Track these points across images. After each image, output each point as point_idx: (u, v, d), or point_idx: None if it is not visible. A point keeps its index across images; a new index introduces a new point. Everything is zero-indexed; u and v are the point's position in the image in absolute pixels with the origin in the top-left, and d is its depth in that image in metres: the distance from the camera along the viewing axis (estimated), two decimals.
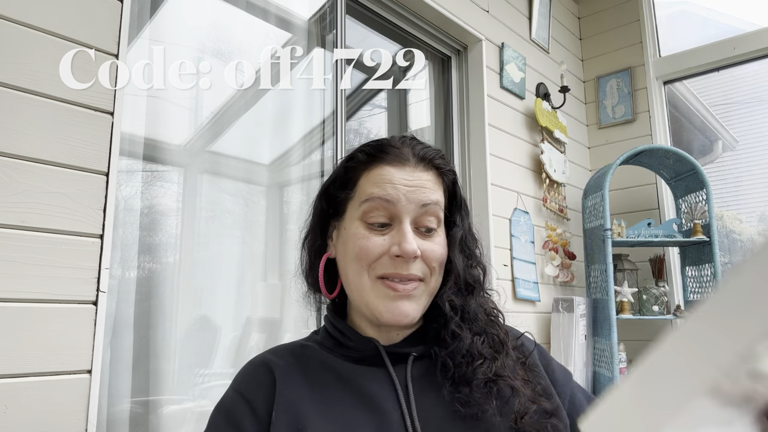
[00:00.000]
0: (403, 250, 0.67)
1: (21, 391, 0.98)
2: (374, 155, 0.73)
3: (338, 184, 0.75)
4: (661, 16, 2.98)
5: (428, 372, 0.72)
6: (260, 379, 0.70)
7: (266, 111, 1.71)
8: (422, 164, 0.72)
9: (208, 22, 1.63)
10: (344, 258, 0.73)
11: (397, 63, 2.34)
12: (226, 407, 0.70)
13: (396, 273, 0.68)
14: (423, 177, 0.71)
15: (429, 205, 0.70)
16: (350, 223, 0.72)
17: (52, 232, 1.05)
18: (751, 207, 2.70)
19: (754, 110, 2.73)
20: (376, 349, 0.72)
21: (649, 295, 2.41)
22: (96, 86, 1.15)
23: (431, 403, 0.68)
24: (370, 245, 0.69)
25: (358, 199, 0.71)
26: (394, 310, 0.68)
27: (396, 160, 0.71)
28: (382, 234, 0.70)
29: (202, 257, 1.52)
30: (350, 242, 0.71)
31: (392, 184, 0.69)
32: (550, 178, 2.57)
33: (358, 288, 0.71)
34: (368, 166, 0.72)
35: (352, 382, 0.69)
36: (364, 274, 0.69)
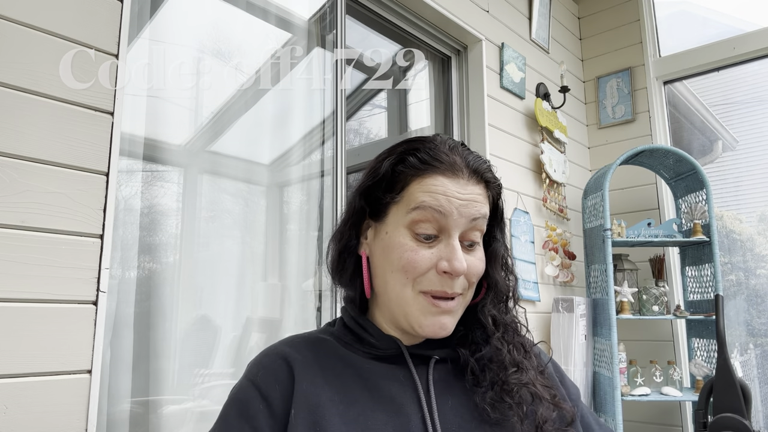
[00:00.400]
0: (453, 267, 0.66)
1: (21, 391, 0.98)
2: (427, 162, 0.69)
3: (384, 186, 0.71)
4: (661, 16, 2.98)
5: (449, 375, 0.71)
6: (278, 373, 0.68)
7: (266, 111, 1.71)
8: (475, 177, 0.70)
9: (208, 22, 1.63)
10: (384, 264, 0.70)
11: (397, 63, 2.34)
12: (240, 399, 0.68)
13: (442, 291, 0.67)
14: (475, 191, 0.70)
15: (478, 219, 0.69)
16: (394, 229, 0.70)
17: (52, 232, 1.05)
18: (751, 207, 2.70)
19: (754, 110, 2.73)
20: (399, 349, 0.71)
21: (649, 295, 2.41)
22: (96, 86, 1.15)
23: (452, 407, 0.68)
24: (418, 259, 0.67)
25: (407, 205, 0.69)
26: (435, 325, 0.68)
27: (449, 171, 0.69)
28: (429, 246, 0.68)
29: (202, 257, 1.52)
30: (395, 252, 0.68)
31: (446, 197, 0.67)
32: (550, 178, 2.57)
33: (398, 298, 0.69)
34: (420, 173, 0.69)
35: (371, 382, 0.68)
36: (408, 286, 0.68)
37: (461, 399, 0.69)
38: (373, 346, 0.72)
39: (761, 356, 2.58)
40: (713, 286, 2.32)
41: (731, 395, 0.81)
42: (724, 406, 0.81)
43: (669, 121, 2.87)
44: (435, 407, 0.67)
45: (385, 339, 0.72)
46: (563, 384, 0.78)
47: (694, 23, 3.05)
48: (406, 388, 0.68)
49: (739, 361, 2.59)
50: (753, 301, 2.61)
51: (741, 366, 2.57)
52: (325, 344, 0.73)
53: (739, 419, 0.78)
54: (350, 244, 0.75)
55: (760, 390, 2.57)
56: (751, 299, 2.62)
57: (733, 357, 2.57)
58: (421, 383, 0.69)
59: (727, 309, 2.63)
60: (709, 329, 2.38)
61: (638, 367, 2.38)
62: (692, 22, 3.06)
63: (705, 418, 0.92)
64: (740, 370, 2.52)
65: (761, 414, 2.51)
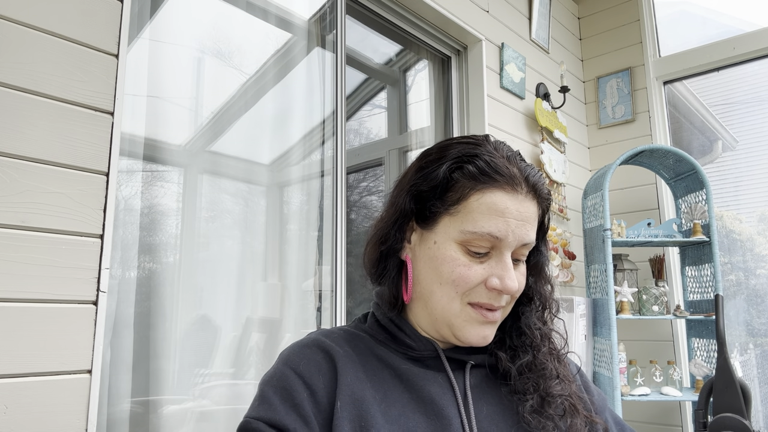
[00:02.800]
0: (505, 286, 0.66)
1: (21, 391, 0.98)
2: (488, 174, 0.66)
3: (438, 192, 0.68)
4: (661, 16, 2.98)
5: (483, 382, 0.71)
6: (321, 364, 0.67)
7: (266, 111, 1.71)
8: (532, 193, 0.68)
9: (208, 22, 1.63)
10: (430, 274, 0.69)
11: (397, 63, 2.34)
12: (283, 386, 0.64)
13: (489, 304, 0.67)
14: (530, 208, 0.68)
15: (528, 245, 0.69)
16: (444, 241, 0.67)
17: (53, 232, 1.05)
18: (751, 207, 2.70)
19: (754, 110, 2.73)
20: (435, 351, 0.70)
21: (648, 295, 2.41)
22: (96, 86, 1.15)
23: (486, 414, 0.68)
24: (471, 274, 0.66)
25: (461, 223, 0.66)
26: (478, 335, 0.68)
27: (509, 185, 0.66)
28: (481, 262, 0.67)
29: (202, 257, 1.52)
30: (446, 265, 0.67)
31: (504, 218, 0.65)
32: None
33: (444, 310, 0.68)
34: (479, 185, 0.66)
35: (411, 383, 0.68)
36: (457, 300, 0.67)
37: (496, 407, 0.69)
38: (409, 347, 0.71)
39: (761, 356, 2.58)
40: (713, 286, 2.32)
41: (731, 395, 0.81)
42: (724, 406, 0.81)
43: (669, 121, 2.87)
44: (473, 413, 0.67)
45: (422, 341, 0.71)
46: (589, 393, 0.78)
47: (694, 23, 3.05)
48: (445, 391, 0.67)
49: (739, 361, 2.59)
50: (753, 301, 2.61)
51: (741, 366, 2.57)
52: (361, 341, 0.72)
53: (739, 419, 0.78)
54: (395, 246, 0.72)
55: (760, 390, 2.57)
56: (751, 299, 2.62)
57: (733, 357, 2.57)
58: (458, 388, 0.68)
59: (727, 309, 2.63)
60: (709, 329, 2.38)
61: (638, 367, 2.38)
62: (692, 22, 3.06)
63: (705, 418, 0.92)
64: (740, 370, 2.52)
65: (761, 414, 2.51)
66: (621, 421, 0.80)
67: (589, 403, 0.75)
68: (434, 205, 0.68)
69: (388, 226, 0.72)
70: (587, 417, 0.69)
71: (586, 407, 0.72)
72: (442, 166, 0.68)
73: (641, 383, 2.33)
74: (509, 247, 0.66)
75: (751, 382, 2.58)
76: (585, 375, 0.81)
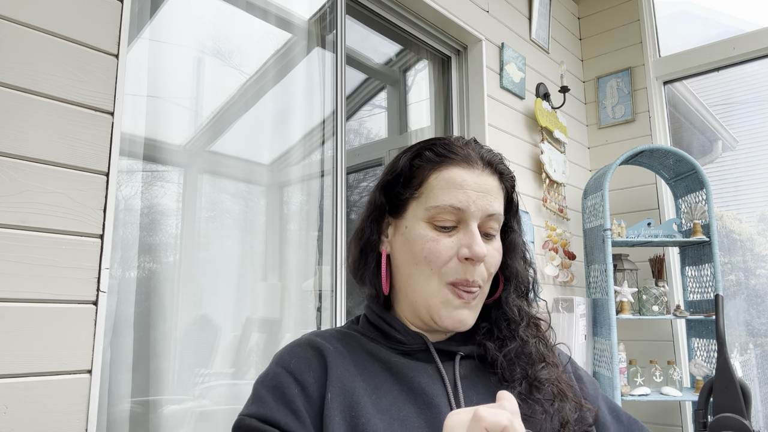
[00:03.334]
0: (473, 252, 0.68)
1: (21, 391, 0.98)
2: (443, 155, 0.72)
3: (402, 182, 0.74)
4: (661, 16, 2.98)
5: (473, 372, 0.72)
6: (311, 360, 0.69)
7: (266, 111, 1.71)
8: (489, 169, 0.73)
9: (208, 22, 1.63)
10: (406, 257, 0.72)
11: (397, 63, 2.34)
12: (275, 384, 0.67)
13: (465, 279, 0.69)
14: (489, 182, 0.72)
15: (494, 215, 0.71)
16: (414, 223, 0.71)
17: (52, 232, 1.05)
18: (751, 207, 2.70)
19: (754, 110, 2.73)
20: (425, 344, 0.72)
21: (648, 295, 2.41)
22: (96, 86, 1.15)
23: (478, 402, 0.68)
24: (440, 248, 0.69)
25: (425, 202, 0.71)
26: (455, 317, 0.69)
27: (465, 162, 0.71)
28: (449, 235, 0.70)
29: (202, 257, 1.52)
30: (417, 243, 0.70)
31: (462, 190, 0.69)
32: (550, 178, 2.57)
33: (422, 291, 0.70)
34: (436, 166, 0.72)
35: (401, 375, 0.69)
36: (434, 278, 0.69)
37: (486, 396, 0.70)
38: (399, 342, 0.73)
39: (761, 356, 2.58)
40: (713, 286, 2.32)
41: (731, 395, 0.81)
42: (724, 406, 0.81)
43: (669, 121, 2.87)
44: (462, 402, 0.68)
45: (411, 335, 0.73)
46: (580, 382, 0.79)
47: (694, 23, 3.05)
48: (435, 381, 0.69)
49: (739, 361, 2.59)
50: (753, 301, 2.61)
51: (741, 366, 2.57)
52: (353, 338, 0.74)
53: (739, 419, 0.78)
54: (372, 239, 0.76)
55: (760, 390, 2.57)
56: (751, 299, 2.62)
57: (733, 357, 2.57)
58: (448, 378, 0.70)
59: (727, 309, 2.63)
60: (709, 329, 2.38)
61: (638, 367, 2.38)
62: (692, 22, 3.06)
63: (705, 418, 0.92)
64: (740, 370, 2.52)
65: (761, 414, 2.51)
66: (616, 407, 0.80)
67: (579, 391, 0.76)
68: (401, 194, 0.73)
69: (365, 223, 0.77)
70: (576, 402, 0.70)
71: (576, 394, 0.73)
72: (405, 157, 0.75)
73: (641, 383, 2.33)
74: (473, 217, 0.69)
75: (751, 382, 2.58)
76: (576, 365, 0.82)
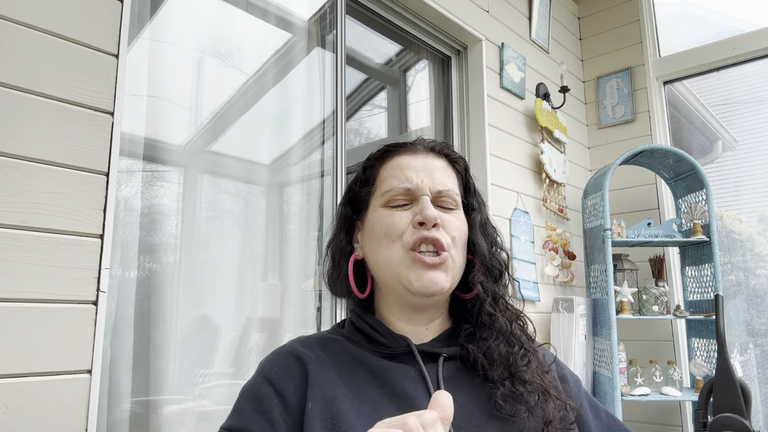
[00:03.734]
0: (424, 215, 0.71)
1: (21, 391, 0.98)
2: (388, 150, 0.79)
3: (359, 184, 0.80)
4: (661, 16, 2.98)
5: (457, 373, 0.72)
6: (291, 369, 0.69)
7: (266, 111, 1.71)
8: (433, 153, 0.79)
9: (208, 22, 1.63)
10: (372, 243, 0.75)
11: (397, 63, 2.34)
12: (255, 393, 0.69)
13: (422, 236, 0.71)
14: (435, 162, 0.77)
15: (443, 191, 0.75)
16: (374, 212, 0.76)
17: (52, 232, 1.05)
18: (751, 207, 2.70)
19: (754, 110, 2.73)
20: (408, 347, 0.72)
21: (648, 295, 2.41)
22: (96, 86, 1.15)
23: (461, 404, 0.68)
24: (395, 220, 0.73)
25: (380, 191, 0.76)
26: (424, 279, 0.70)
27: (408, 151, 0.78)
28: (405, 210, 0.74)
29: (202, 257, 1.52)
30: (377, 225, 0.74)
31: (409, 170, 0.75)
32: (550, 178, 2.57)
33: (389, 262, 0.72)
34: (384, 160, 0.79)
35: (383, 378, 0.69)
36: (396, 246, 0.72)
37: (470, 396, 0.70)
38: (382, 345, 0.73)
39: (761, 356, 2.58)
40: (713, 286, 2.32)
41: (731, 395, 0.82)
42: (724, 406, 0.81)
43: (669, 121, 2.87)
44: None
45: (394, 338, 0.73)
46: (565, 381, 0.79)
47: (694, 23, 3.05)
48: (418, 384, 0.69)
49: (739, 361, 2.59)
50: (753, 301, 2.61)
51: (741, 366, 2.57)
52: (336, 343, 0.75)
53: (739, 419, 0.78)
54: (343, 248, 0.79)
55: (760, 390, 2.57)
56: (751, 299, 2.62)
57: (733, 357, 2.57)
58: (431, 380, 0.70)
59: (727, 309, 2.63)
60: (709, 329, 2.38)
61: (638, 367, 2.38)
62: (692, 22, 3.06)
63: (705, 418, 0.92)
64: (740, 370, 2.52)
65: (761, 414, 2.51)
66: (597, 405, 0.80)
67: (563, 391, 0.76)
68: (361, 194, 0.79)
69: (335, 236, 0.81)
70: (561, 401, 0.70)
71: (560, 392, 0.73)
72: (360, 166, 0.82)
73: (641, 383, 2.32)
74: (423, 192, 0.74)
75: (751, 382, 2.58)
76: (562, 364, 0.82)
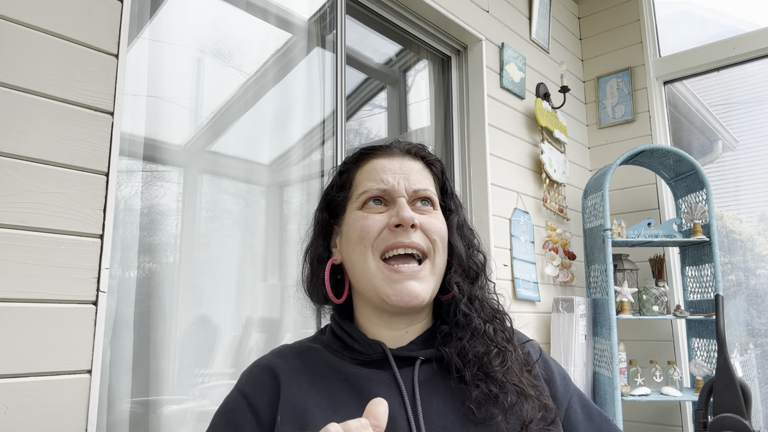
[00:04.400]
0: (400, 217, 0.69)
1: (21, 391, 0.98)
2: (364, 153, 0.78)
3: (335, 189, 0.79)
4: (661, 16, 2.98)
5: (435, 376, 0.71)
6: (264, 382, 0.70)
7: (266, 111, 1.71)
8: (409, 155, 0.78)
9: (208, 22, 1.63)
10: (348, 248, 0.74)
11: (397, 63, 2.34)
12: (229, 409, 0.71)
13: (398, 241, 0.69)
14: (411, 165, 0.76)
15: (420, 191, 0.74)
16: (350, 215, 0.75)
17: (52, 232, 1.05)
18: (751, 207, 2.70)
19: (754, 110, 2.73)
20: (384, 353, 0.71)
21: (649, 295, 2.41)
22: (96, 86, 1.15)
23: (437, 408, 0.67)
24: (369, 222, 0.71)
25: (356, 194, 0.75)
26: (402, 291, 0.69)
27: (385, 154, 0.77)
28: (380, 212, 0.73)
29: (202, 257, 1.52)
30: (352, 227, 0.73)
31: (384, 173, 0.74)
32: (550, 178, 2.57)
33: (364, 272, 0.71)
34: (359, 164, 0.78)
35: (358, 386, 0.68)
36: (368, 254, 0.70)
37: (447, 400, 0.68)
38: (358, 352, 0.72)
39: (761, 356, 2.58)
40: (713, 286, 2.32)
41: (731, 395, 0.81)
42: (724, 406, 0.81)
43: (669, 121, 2.87)
44: (420, 409, 0.66)
45: (369, 344, 0.72)
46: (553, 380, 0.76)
47: (694, 23, 3.05)
48: (391, 391, 0.68)
49: (739, 361, 2.59)
50: (753, 301, 2.61)
51: (741, 366, 2.57)
52: (313, 352, 0.75)
53: (739, 419, 0.78)
54: (320, 254, 0.78)
55: (760, 390, 2.57)
56: (751, 299, 2.62)
57: (733, 357, 2.57)
58: (405, 385, 0.68)
59: (727, 309, 2.63)
60: (709, 329, 2.38)
61: (638, 367, 2.38)
62: (692, 22, 3.06)
63: (705, 418, 0.92)
64: (740, 370, 2.52)
65: (761, 414, 2.51)
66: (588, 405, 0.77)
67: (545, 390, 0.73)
68: (338, 198, 0.78)
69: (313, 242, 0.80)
70: (540, 402, 0.68)
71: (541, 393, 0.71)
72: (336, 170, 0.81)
73: (641, 383, 2.32)
74: (398, 194, 0.73)
75: (751, 382, 2.58)
76: (550, 361, 0.79)
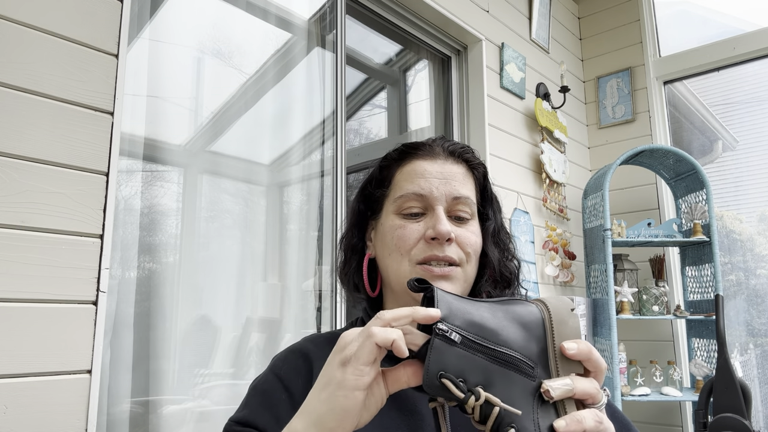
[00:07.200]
0: (437, 231, 0.69)
1: (21, 391, 0.98)
2: (406, 152, 0.77)
3: (374, 184, 0.78)
4: (661, 16, 2.98)
5: None
6: (299, 367, 0.71)
7: (266, 111, 1.71)
8: (452, 158, 0.76)
9: (208, 22, 1.63)
10: (383, 251, 0.74)
11: (397, 63, 2.34)
12: (264, 389, 0.71)
13: (433, 255, 0.70)
14: (453, 169, 0.75)
15: (460, 198, 0.73)
16: (386, 217, 0.75)
17: (52, 232, 1.05)
18: (751, 207, 2.70)
19: (754, 110, 2.73)
20: None
21: (649, 295, 2.41)
22: (96, 86, 1.15)
23: None
24: (406, 233, 0.71)
25: (393, 195, 0.75)
26: None
27: (427, 155, 0.75)
28: (417, 222, 0.72)
29: (202, 257, 1.52)
30: (388, 234, 0.73)
31: (424, 178, 0.73)
32: (550, 178, 2.57)
33: (397, 275, 0.72)
34: (401, 162, 0.77)
35: None
36: (404, 261, 0.71)
37: None
38: None
39: (761, 356, 2.58)
40: (713, 286, 2.32)
41: (731, 395, 0.81)
42: (724, 406, 0.81)
43: (669, 121, 2.87)
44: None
45: None
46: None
47: (694, 23, 3.05)
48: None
49: (739, 361, 2.58)
50: (753, 301, 2.61)
51: (741, 366, 2.57)
52: None
53: (739, 419, 0.78)
54: (355, 244, 0.79)
55: (760, 390, 2.57)
56: (751, 299, 2.62)
57: (733, 357, 2.57)
58: None
59: (727, 309, 2.63)
60: (709, 329, 2.38)
61: (638, 367, 2.38)
62: (692, 22, 3.06)
63: (705, 418, 0.92)
64: (740, 370, 2.52)
65: (761, 414, 2.51)
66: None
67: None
68: (375, 194, 0.78)
69: (348, 230, 0.81)
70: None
71: None
72: (377, 163, 0.81)
73: (641, 383, 2.32)
74: (437, 201, 0.72)
75: (751, 382, 2.58)
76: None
